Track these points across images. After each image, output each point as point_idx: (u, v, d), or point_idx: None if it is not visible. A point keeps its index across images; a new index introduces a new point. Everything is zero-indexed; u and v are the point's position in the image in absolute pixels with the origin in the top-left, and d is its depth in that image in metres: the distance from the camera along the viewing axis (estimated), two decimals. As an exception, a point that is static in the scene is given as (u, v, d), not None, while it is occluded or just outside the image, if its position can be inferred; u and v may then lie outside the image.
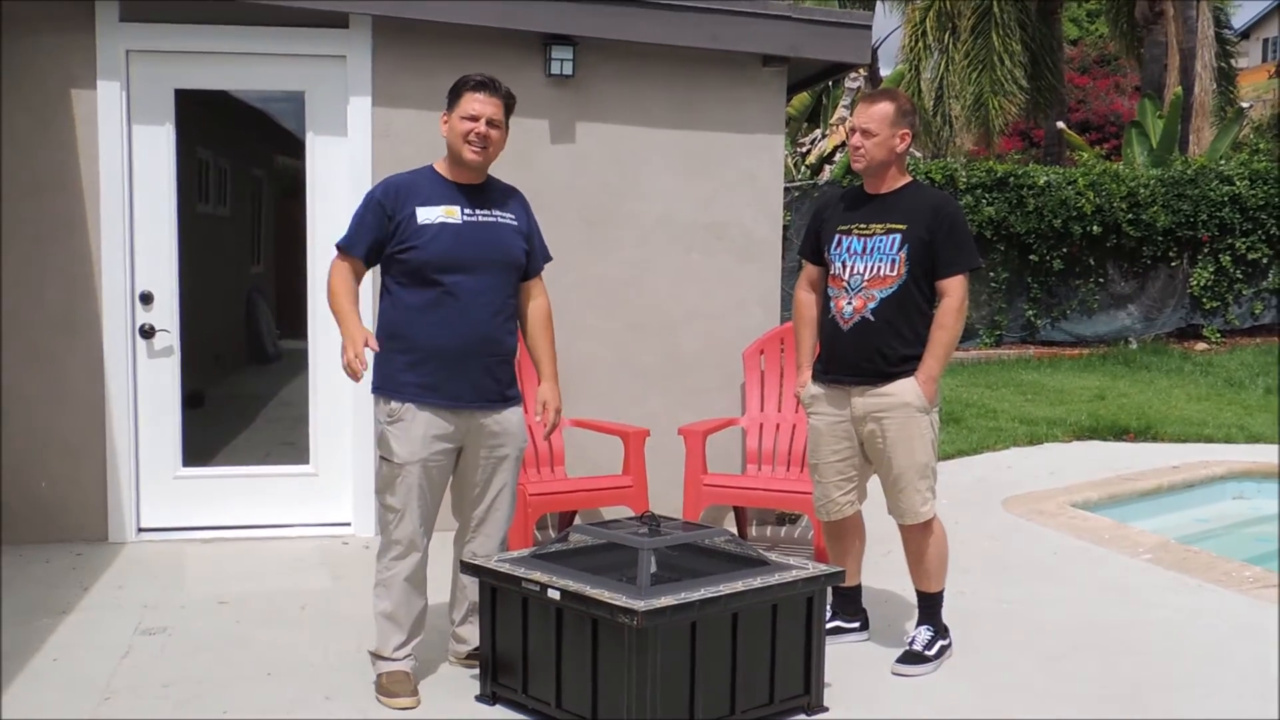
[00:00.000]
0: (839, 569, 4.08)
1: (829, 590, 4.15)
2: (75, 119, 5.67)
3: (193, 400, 5.97)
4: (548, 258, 4.25)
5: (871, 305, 4.23)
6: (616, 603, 3.45)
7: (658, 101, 6.11)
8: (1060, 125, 19.57)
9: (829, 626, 4.33)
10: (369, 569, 4.36)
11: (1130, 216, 13.07)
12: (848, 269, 4.28)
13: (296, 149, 5.96)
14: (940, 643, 4.34)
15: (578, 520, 5.83)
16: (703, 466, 5.64)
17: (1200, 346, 13.31)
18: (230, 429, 6.16)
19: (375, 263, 4.01)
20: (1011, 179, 12.94)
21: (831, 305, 4.33)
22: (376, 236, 3.94)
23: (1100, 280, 13.36)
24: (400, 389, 3.91)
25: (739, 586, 3.67)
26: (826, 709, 3.90)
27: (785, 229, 9.89)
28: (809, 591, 3.85)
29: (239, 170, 6.31)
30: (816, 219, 4.49)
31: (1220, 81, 20.84)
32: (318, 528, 6.01)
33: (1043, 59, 20.88)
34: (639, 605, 3.42)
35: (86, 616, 4.76)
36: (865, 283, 4.25)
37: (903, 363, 4.24)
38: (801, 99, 16.32)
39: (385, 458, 3.96)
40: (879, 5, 22.70)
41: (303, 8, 5.64)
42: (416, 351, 3.91)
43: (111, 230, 5.72)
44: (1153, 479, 7.41)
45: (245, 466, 6.05)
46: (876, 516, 4.60)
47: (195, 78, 5.84)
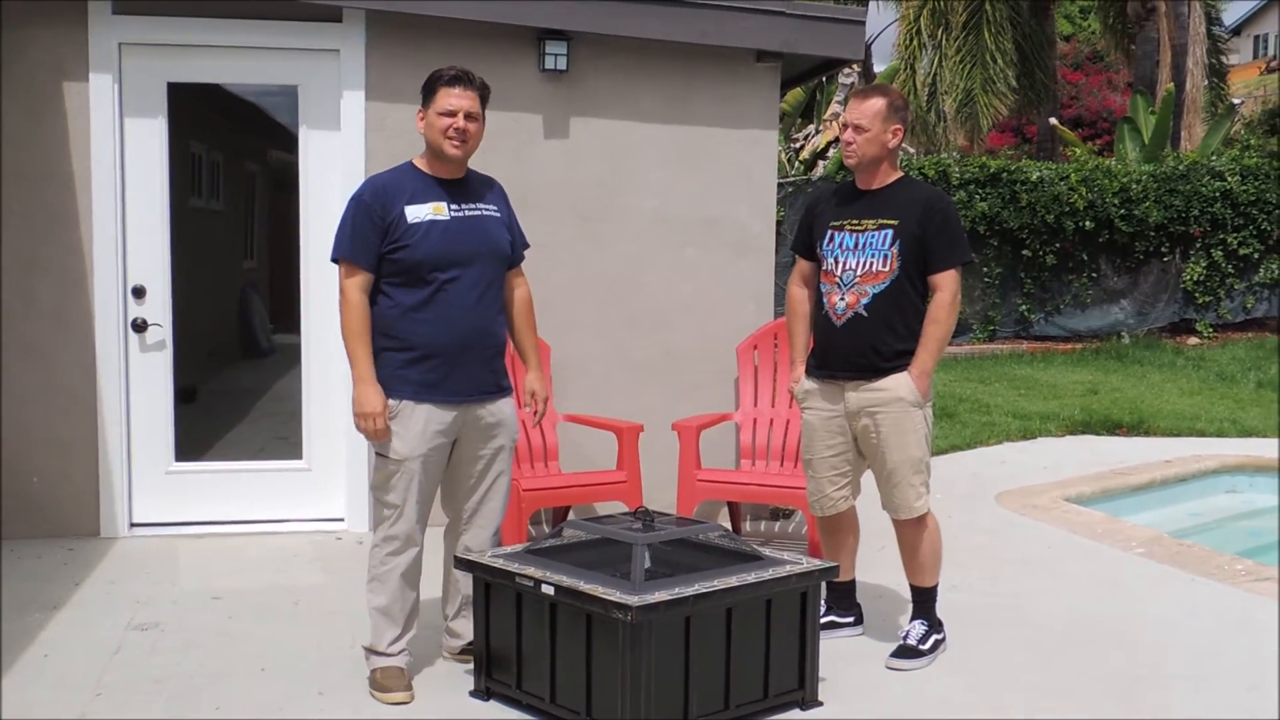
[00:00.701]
0: (833, 564, 4.08)
1: (823, 585, 4.15)
2: (67, 112, 5.65)
3: (185, 395, 5.96)
4: (526, 245, 4.25)
5: (864, 301, 4.23)
6: (611, 598, 3.45)
7: (651, 97, 6.11)
8: (1053, 121, 19.59)
9: (823, 621, 4.34)
10: (362, 564, 4.35)
11: (1123, 212, 13.09)
12: (840, 264, 4.28)
13: (290, 143, 5.95)
14: (934, 637, 4.35)
15: (571, 515, 5.83)
16: (696, 462, 5.64)
17: (1192, 341, 13.33)
18: (223, 424, 6.15)
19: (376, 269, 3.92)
20: (1004, 174, 12.95)
21: (824, 301, 4.33)
22: (376, 243, 3.88)
23: (1093, 275, 13.38)
24: (398, 387, 3.89)
25: (733, 582, 3.67)
26: (821, 703, 3.90)
27: (779, 224, 9.88)
28: (803, 586, 3.85)
29: (232, 164, 6.30)
30: (809, 215, 4.49)
31: (1212, 78, 20.83)
32: (311, 523, 6.00)
33: (1035, 55, 20.89)
34: (633, 600, 3.42)
35: (78, 612, 4.75)
36: (858, 278, 4.24)
37: (896, 358, 4.24)
38: (795, 94, 16.27)
39: (383, 455, 3.95)
40: (873, 1, 22.70)
41: (297, 1, 5.63)
42: (414, 350, 3.90)
43: (103, 224, 5.70)
44: (1146, 473, 7.43)
45: (238, 462, 6.04)
46: (871, 511, 4.60)
47: (188, 71, 5.82)
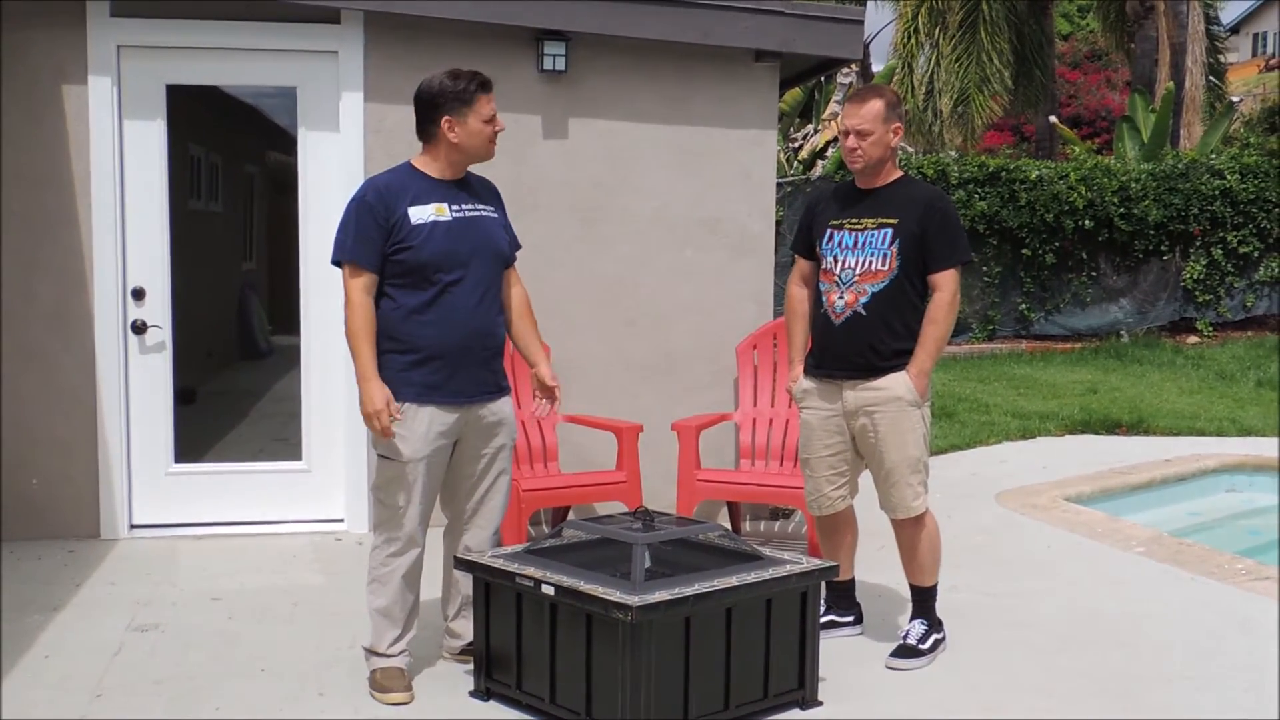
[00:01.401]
0: (832, 564, 4.08)
1: (823, 585, 4.15)
2: (66, 114, 5.65)
3: (185, 396, 5.96)
4: (518, 245, 4.24)
5: (863, 300, 4.23)
6: (610, 598, 3.45)
7: (650, 97, 6.11)
8: (1052, 120, 19.59)
9: (823, 621, 4.34)
10: (362, 565, 4.36)
11: (1122, 211, 13.09)
12: (839, 264, 4.29)
13: (288, 144, 5.95)
14: (934, 636, 4.35)
15: (571, 516, 5.83)
16: (696, 462, 5.64)
17: (1192, 340, 13.33)
18: (222, 425, 6.15)
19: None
20: (1004, 174, 12.95)
21: (823, 300, 4.34)
22: (380, 244, 3.86)
23: (1093, 274, 13.38)
24: (401, 389, 3.88)
25: (733, 581, 3.67)
26: (820, 703, 3.91)
27: (778, 224, 9.89)
28: (803, 586, 3.85)
29: (231, 166, 6.30)
30: (809, 214, 4.49)
31: (1211, 76, 20.83)
32: (310, 524, 6.00)
33: (1034, 54, 20.89)
34: (633, 600, 3.42)
35: (78, 613, 4.75)
36: (857, 277, 4.25)
37: (894, 357, 4.24)
38: (794, 94, 16.26)
39: (387, 457, 3.94)
40: (871, 1, 22.70)
41: (295, 3, 5.63)
42: (417, 352, 3.89)
43: (103, 226, 5.71)
44: (1145, 472, 7.42)
45: (237, 463, 6.04)
46: (870, 511, 4.60)
47: (187, 73, 5.82)
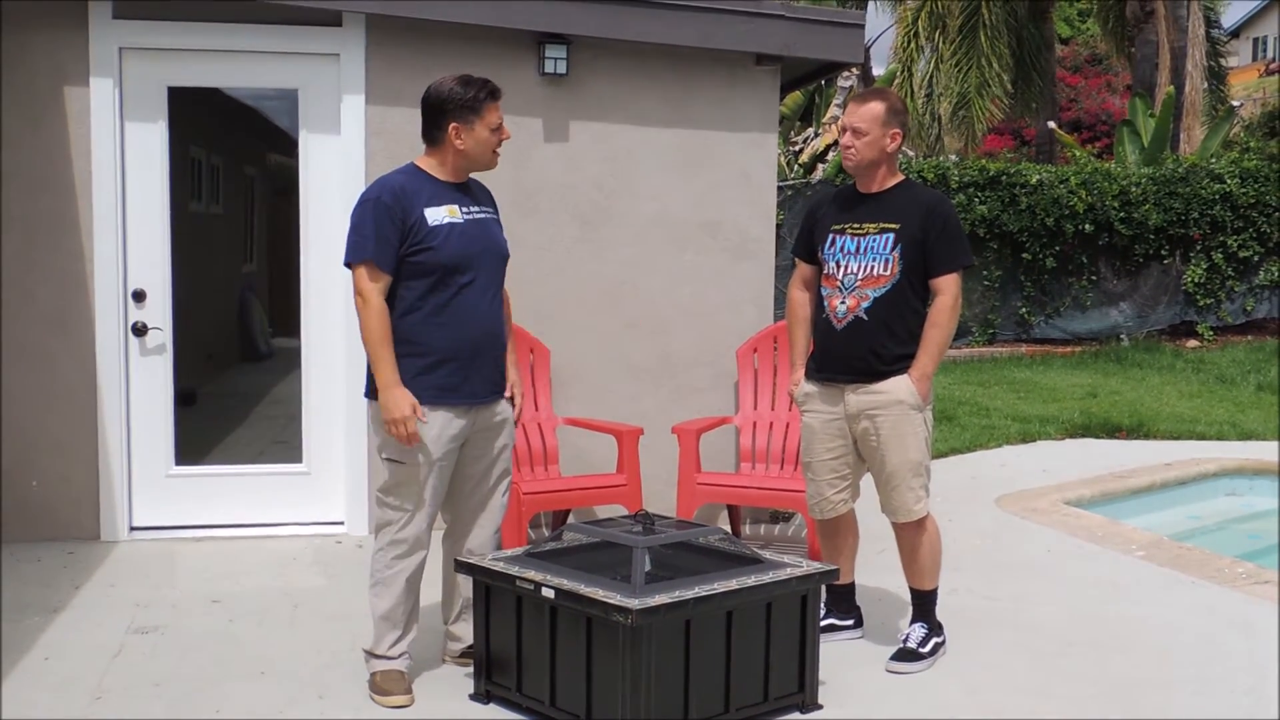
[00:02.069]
0: (833, 567, 4.08)
1: (823, 588, 4.15)
2: (68, 116, 5.66)
3: (185, 398, 5.96)
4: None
5: (865, 304, 4.24)
6: (611, 601, 3.45)
7: (651, 100, 6.11)
8: (1052, 124, 19.59)
9: (823, 624, 4.34)
10: (362, 568, 4.35)
11: (1122, 215, 13.10)
12: (841, 268, 4.29)
13: (289, 147, 5.95)
14: (934, 640, 4.35)
15: (571, 519, 5.83)
16: (696, 465, 5.64)
17: (1192, 344, 13.33)
18: (223, 427, 6.15)
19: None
20: (1004, 178, 12.95)
21: (825, 304, 4.34)
22: (397, 246, 3.83)
23: (1093, 278, 13.38)
24: (414, 393, 3.85)
25: (733, 585, 3.67)
26: (820, 707, 3.90)
27: (778, 227, 9.89)
28: (803, 590, 3.85)
29: (232, 168, 6.30)
30: (810, 218, 4.49)
31: (1211, 80, 20.84)
32: (311, 526, 5.99)
33: (1034, 58, 20.90)
34: (633, 604, 3.42)
35: (78, 615, 4.75)
36: (859, 282, 4.25)
37: (896, 361, 4.24)
38: (794, 98, 16.29)
39: (397, 460, 3.91)
40: (871, 4, 22.72)
41: (296, 5, 5.63)
42: (432, 355, 3.88)
43: (104, 228, 5.71)
44: (1145, 476, 7.42)
45: (238, 465, 6.04)
46: (870, 514, 4.60)
47: (188, 75, 5.82)
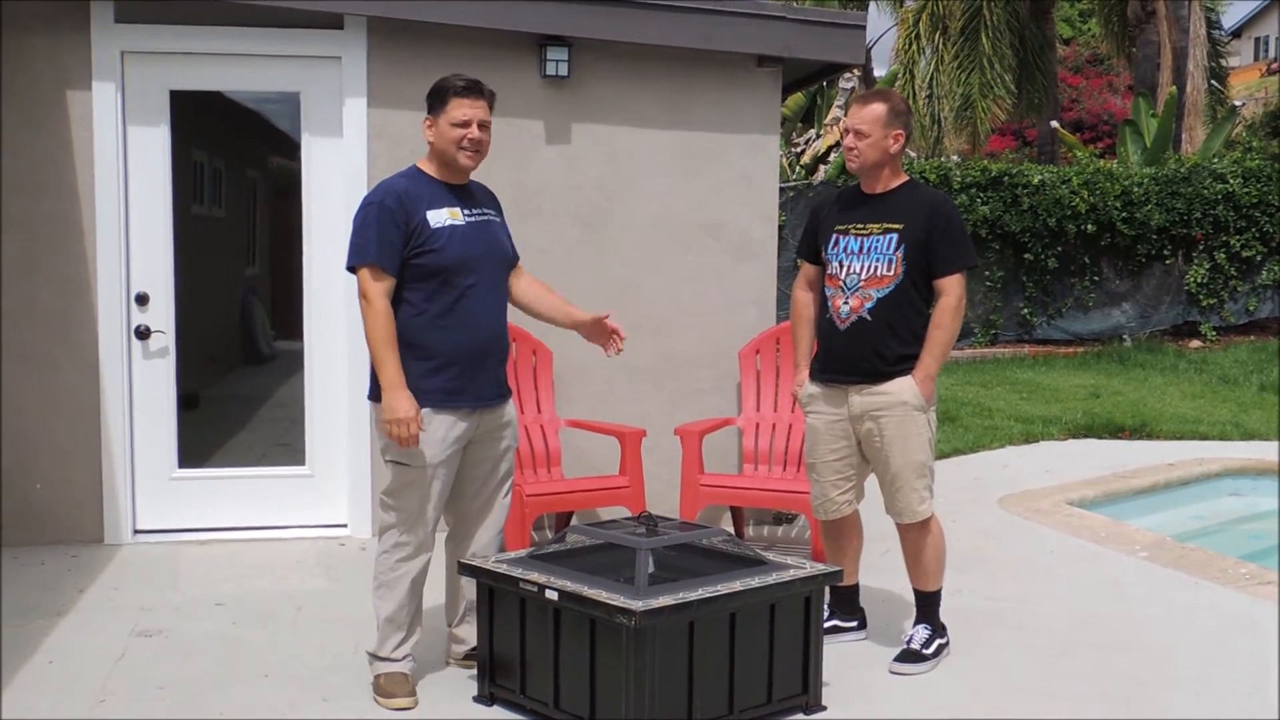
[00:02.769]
0: (836, 568, 4.09)
1: (826, 589, 4.15)
2: (70, 120, 5.66)
3: (188, 401, 5.96)
4: (517, 254, 4.23)
5: (868, 305, 4.23)
6: (614, 603, 3.45)
7: (653, 102, 6.11)
8: (1054, 125, 19.59)
9: (827, 626, 4.34)
10: (365, 570, 4.35)
11: (1124, 215, 13.08)
12: (845, 269, 4.29)
13: (291, 150, 5.95)
14: (938, 641, 4.35)
15: (575, 521, 5.83)
16: (699, 466, 5.64)
17: (1194, 344, 13.32)
18: (226, 430, 6.15)
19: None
20: (1006, 178, 12.94)
21: (829, 305, 4.34)
22: (401, 248, 3.83)
23: (1095, 278, 13.37)
24: (420, 396, 3.84)
25: (736, 586, 3.67)
26: (824, 708, 3.90)
27: (780, 229, 9.89)
28: (806, 591, 3.85)
29: (234, 171, 6.31)
30: (814, 219, 4.49)
31: (1213, 80, 20.84)
32: (314, 529, 5.99)
33: (1035, 59, 20.89)
34: (636, 605, 3.42)
35: (82, 618, 4.75)
36: (862, 282, 4.25)
37: (900, 362, 4.24)
38: (796, 99, 16.25)
39: (402, 463, 3.91)
40: (873, 5, 22.73)
41: (298, 9, 5.63)
42: (437, 358, 3.88)
43: (106, 231, 5.71)
44: (1148, 476, 7.42)
45: (241, 468, 6.04)
46: (874, 515, 4.60)
47: (190, 79, 5.83)
